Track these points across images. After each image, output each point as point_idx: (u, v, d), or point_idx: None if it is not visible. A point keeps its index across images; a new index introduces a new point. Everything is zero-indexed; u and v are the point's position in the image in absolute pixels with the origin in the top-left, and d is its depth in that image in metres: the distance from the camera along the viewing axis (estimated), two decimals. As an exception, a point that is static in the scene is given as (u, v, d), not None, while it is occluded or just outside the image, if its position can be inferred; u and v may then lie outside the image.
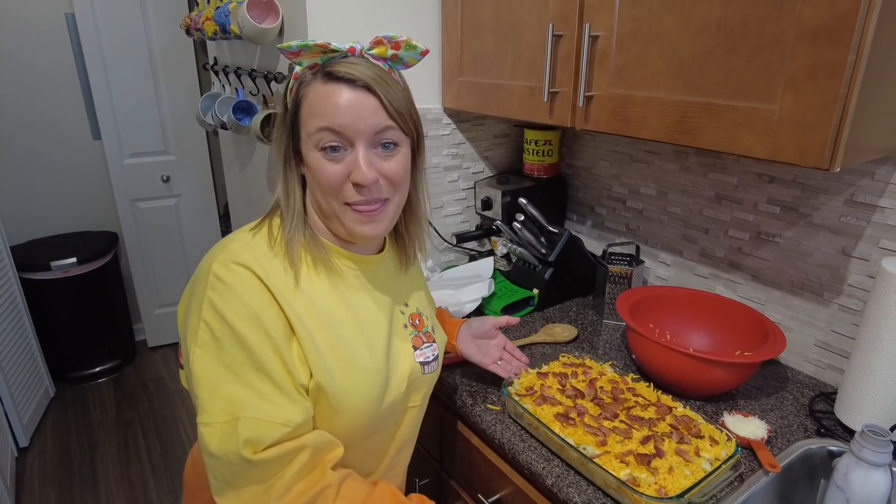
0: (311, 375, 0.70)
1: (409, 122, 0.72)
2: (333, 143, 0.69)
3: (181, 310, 0.74)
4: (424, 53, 0.74)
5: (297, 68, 0.72)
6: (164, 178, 2.82)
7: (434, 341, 0.88)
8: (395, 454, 0.86)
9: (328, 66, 0.69)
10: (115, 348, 2.84)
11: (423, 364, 0.84)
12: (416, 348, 0.84)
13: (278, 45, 0.74)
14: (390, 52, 0.72)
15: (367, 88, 0.69)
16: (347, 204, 0.72)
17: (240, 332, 0.65)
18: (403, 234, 0.85)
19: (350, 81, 0.69)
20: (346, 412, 0.72)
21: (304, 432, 0.68)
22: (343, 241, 0.78)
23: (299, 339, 0.69)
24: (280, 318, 0.68)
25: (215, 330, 0.66)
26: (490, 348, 1.03)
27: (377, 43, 0.72)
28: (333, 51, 0.69)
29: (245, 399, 0.65)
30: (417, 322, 0.86)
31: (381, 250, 0.84)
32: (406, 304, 0.86)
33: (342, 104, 0.68)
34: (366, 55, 0.72)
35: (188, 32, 1.85)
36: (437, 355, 0.87)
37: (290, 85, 0.73)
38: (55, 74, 2.58)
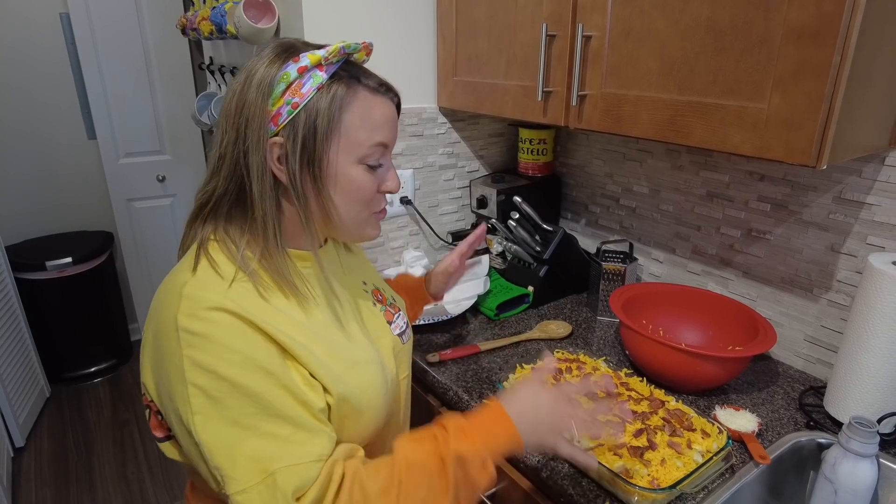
0: (326, 391, 0.66)
1: None
2: (382, 160, 0.70)
3: (147, 375, 0.67)
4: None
5: (305, 61, 0.64)
6: (160, 177, 2.82)
7: (400, 310, 0.89)
8: (402, 428, 0.87)
9: (360, 74, 0.68)
10: (110, 348, 2.84)
11: (400, 335, 0.84)
12: (389, 322, 0.84)
13: (348, 47, 0.66)
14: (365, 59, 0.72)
15: (398, 106, 0.72)
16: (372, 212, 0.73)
17: (237, 381, 0.59)
18: None
19: (392, 95, 0.70)
20: (368, 409, 0.71)
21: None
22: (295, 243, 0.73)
23: (299, 359, 0.64)
24: (273, 349, 0.62)
25: (209, 389, 0.59)
26: (452, 264, 1.02)
27: (368, 50, 0.71)
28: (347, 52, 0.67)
29: (270, 450, 0.59)
30: (380, 297, 0.86)
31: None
32: (364, 283, 0.86)
33: (392, 119, 0.70)
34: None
35: (184, 32, 1.85)
36: (407, 321, 0.89)
37: (316, 83, 0.64)
38: (50, 74, 2.58)
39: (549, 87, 1.12)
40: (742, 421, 0.94)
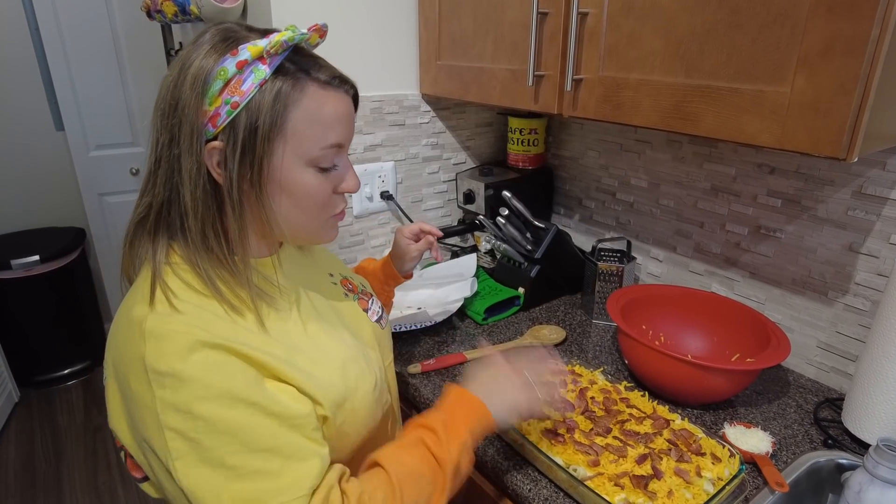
0: (317, 403, 0.62)
1: None
2: (336, 160, 0.64)
3: (118, 420, 0.61)
4: None
5: (245, 55, 0.56)
6: (133, 171, 2.70)
7: (372, 295, 0.87)
8: (396, 416, 0.85)
9: (309, 66, 0.60)
10: (84, 349, 2.72)
11: (378, 321, 0.83)
12: (365, 310, 0.82)
13: (294, 37, 0.58)
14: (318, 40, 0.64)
15: (354, 98, 0.66)
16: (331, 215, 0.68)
17: (215, 419, 0.54)
18: None
19: (348, 87, 0.64)
20: (362, 406, 0.68)
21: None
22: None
23: (283, 375, 0.60)
24: (251, 374, 0.57)
25: (186, 431, 0.54)
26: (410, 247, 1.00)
27: (321, 32, 0.63)
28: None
29: (260, 489, 0.55)
30: (351, 286, 0.84)
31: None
32: (331, 275, 0.82)
33: (347, 115, 0.63)
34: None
35: (149, 15, 1.73)
36: (381, 306, 0.88)
37: (258, 79, 0.57)
38: (12, 61, 2.45)
39: (540, 70, 1.03)
40: (754, 440, 0.85)
